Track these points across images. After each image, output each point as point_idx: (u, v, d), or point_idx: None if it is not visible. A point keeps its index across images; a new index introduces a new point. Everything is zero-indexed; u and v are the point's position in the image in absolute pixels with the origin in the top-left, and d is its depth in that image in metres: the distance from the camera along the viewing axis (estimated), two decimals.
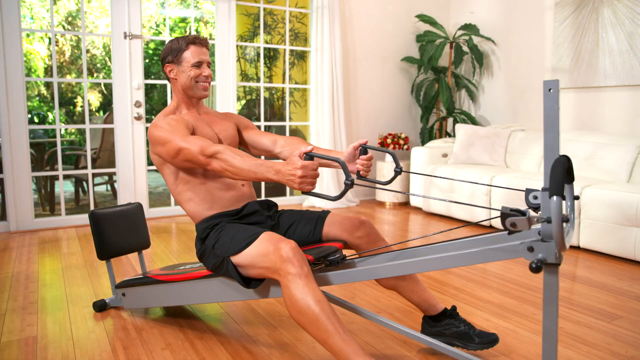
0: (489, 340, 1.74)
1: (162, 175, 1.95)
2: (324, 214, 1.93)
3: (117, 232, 2.23)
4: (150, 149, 1.89)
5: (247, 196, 1.97)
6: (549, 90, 1.22)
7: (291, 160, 1.48)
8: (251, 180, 1.61)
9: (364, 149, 1.88)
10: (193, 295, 1.95)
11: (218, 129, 2.01)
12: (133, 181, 4.14)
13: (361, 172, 1.89)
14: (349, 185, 1.45)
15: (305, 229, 1.91)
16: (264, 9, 4.92)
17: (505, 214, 1.24)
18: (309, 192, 1.51)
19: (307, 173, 1.47)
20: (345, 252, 2.40)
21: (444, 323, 1.81)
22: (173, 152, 1.75)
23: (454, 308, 1.83)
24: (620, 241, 3.00)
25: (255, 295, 1.78)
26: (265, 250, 1.59)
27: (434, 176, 1.93)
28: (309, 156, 1.49)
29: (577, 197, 1.37)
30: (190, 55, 1.91)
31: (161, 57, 2.00)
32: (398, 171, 1.88)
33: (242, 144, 2.16)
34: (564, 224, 1.29)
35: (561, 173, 1.15)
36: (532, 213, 1.25)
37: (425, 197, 1.36)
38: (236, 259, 1.68)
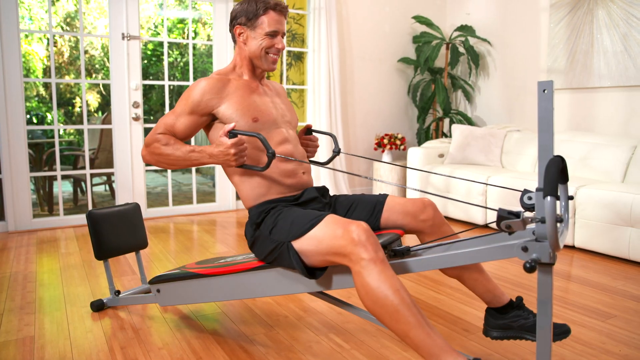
0: (561, 331, 1.60)
1: None
2: (382, 197, 1.79)
3: (115, 232, 2.23)
4: None
5: (306, 185, 1.83)
6: (544, 91, 1.23)
7: (220, 142, 1.54)
8: (187, 167, 1.59)
9: (308, 131, 1.94)
10: (240, 290, 1.80)
11: (286, 106, 1.91)
12: (131, 181, 4.16)
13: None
14: (270, 157, 1.53)
15: (363, 215, 1.76)
16: None
17: (501, 217, 1.24)
18: (243, 165, 1.56)
19: (238, 149, 1.51)
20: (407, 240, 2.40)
21: (511, 315, 1.66)
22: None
23: (519, 299, 1.69)
24: (615, 241, 3.02)
25: (316, 286, 1.62)
26: (333, 233, 1.44)
27: (412, 169, 1.94)
28: (232, 134, 1.57)
29: (571, 197, 1.38)
30: (267, 21, 1.74)
31: (232, 16, 1.81)
32: (336, 152, 1.93)
33: None
34: (558, 224, 1.31)
35: (555, 173, 1.16)
36: (526, 214, 1.26)
37: (421, 191, 1.38)
38: (298, 243, 1.53)
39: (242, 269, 1.75)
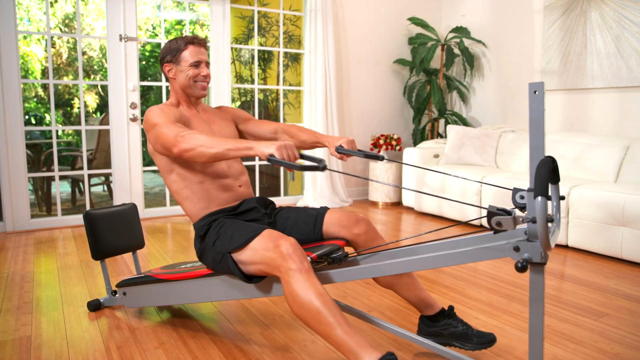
0: (487, 340, 1.71)
1: (160, 172, 1.94)
2: (323, 210, 1.91)
3: (112, 232, 2.25)
4: (147, 138, 1.87)
5: (244, 196, 1.97)
6: (535, 92, 1.24)
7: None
8: (225, 155, 1.59)
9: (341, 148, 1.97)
10: (194, 294, 1.94)
11: (217, 128, 2.02)
12: (129, 182, 4.18)
13: (345, 146, 1.95)
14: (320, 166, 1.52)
15: (305, 227, 1.88)
16: (258, 12, 4.97)
17: (491, 213, 1.26)
18: (278, 161, 1.51)
19: (287, 146, 1.52)
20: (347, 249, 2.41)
21: (441, 323, 1.78)
22: (155, 136, 1.76)
23: (451, 308, 1.80)
24: (608, 240, 3.05)
25: (257, 292, 1.76)
26: (265, 247, 1.59)
27: (412, 165, 1.97)
28: (271, 161, 1.54)
29: (562, 198, 1.39)
30: (189, 55, 1.91)
31: (160, 57, 2.00)
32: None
33: (242, 138, 2.14)
34: (550, 224, 1.32)
35: (546, 174, 1.16)
36: (517, 213, 1.28)
37: (417, 192, 1.38)
38: (237, 255, 1.68)
39: (195, 276, 1.90)
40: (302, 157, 1.70)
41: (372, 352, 1.36)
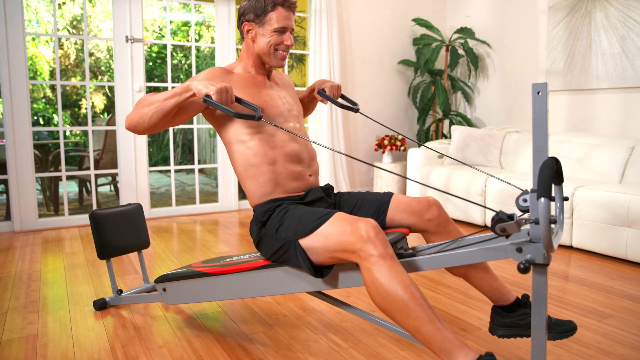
0: (568, 328, 1.59)
1: (225, 143, 1.78)
2: (387, 196, 1.77)
3: (117, 232, 2.25)
4: None
5: (312, 186, 1.81)
6: (538, 93, 1.24)
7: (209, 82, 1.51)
8: (166, 106, 1.52)
9: (324, 94, 1.96)
10: (245, 289, 1.78)
11: (293, 99, 1.88)
12: (135, 182, 4.22)
13: (327, 90, 1.92)
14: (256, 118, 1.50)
15: (368, 214, 1.74)
16: None
17: (499, 219, 1.24)
18: (213, 103, 1.47)
19: (225, 87, 1.48)
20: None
21: (518, 313, 1.64)
22: None
23: (526, 297, 1.66)
24: (612, 241, 3.04)
25: (323, 285, 1.60)
26: (341, 230, 1.42)
27: (424, 146, 1.98)
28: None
29: (566, 199, 1.38)
30: (276, 18, 1.70)
31: (240, 12, 1.77)
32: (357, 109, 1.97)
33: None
34: (553, 225, 1.31)
35: (548, 175, 1.16)
36: (520, 216, 1.27)
37: (422, 184, 1.38)
38: (305, 241, 1.51)
39: (248, 268, 1.74)
40: (240, 102, 1.60)
41: (469, 352, 1.24)
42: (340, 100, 1.96)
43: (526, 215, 1.26)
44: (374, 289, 1.34)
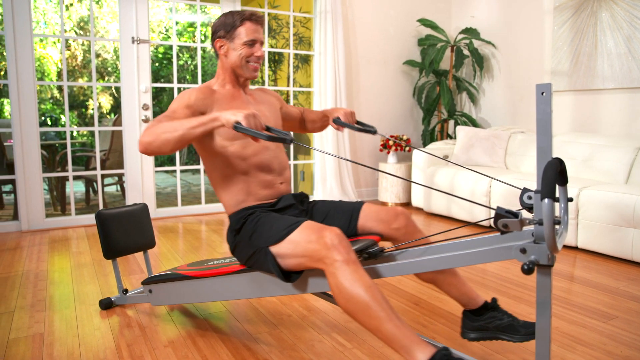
0: (535, 329, 1.58)
1: (202, 156, 1.85)
2: (359, 204, 1.84)
3: (123, 232, 2.27)
4: None
5: (283, 194, 1.89)
6: (542, 93, 1.23)
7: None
8: (191, 135, 1.53)
9: (341, 123, 2.03)
10: (224, 291, 1.87)
11: (266, 110, 1.93)
12: (141, 182, 4.24)
13: (342, 118, 1.98)
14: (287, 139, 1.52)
15: (340, 222, 1.81)
16: (269, 14, 5.01)
17: (499, 215, 1.25)
18: (244, 129, 1.49)
19: (255, 115, 1.51)
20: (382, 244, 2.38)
21: (486, 316, 1.69)
22: None
23: (494, 300, 1.72)
24: (618, 242, 3.03)
25: (293, 289, 1.68)
26: (307, 238, 1.50)
27: (428, 153, 1.98)
28: (237, 129, 1.52)
29: (570, 199, 1.37)
30: (244, 32, 1.79)
31: (212, 30, 1.86)
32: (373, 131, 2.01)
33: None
34: (557, 226, 1.29)
35: (552, 176, 1.16)
36: (524, 215, 1.27)
37: (426, 187, 1.38)
38: (275, 248, 1.59)
39: (226, 272, 1.83)
40: (269, 129, 1.66)
41: (426, 347, 1.29)
42: (356, 125, 2.04)
43: (530, 216, 1.26)
44: (338, 292, 1.41)
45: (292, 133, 1.80)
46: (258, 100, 1.96)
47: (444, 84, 4.96)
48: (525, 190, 1.26)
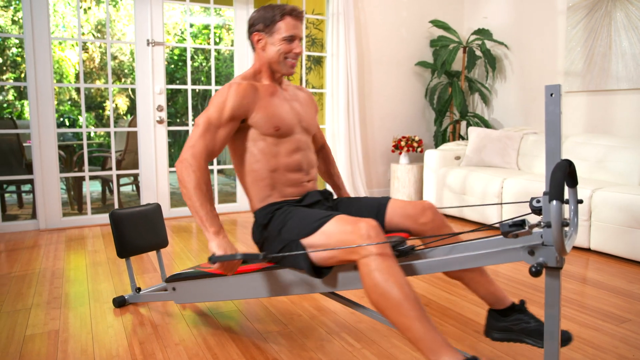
0: (563, 338, 1.55)
1: (230, 148, 1.82)
2: (384, 200, 1.80)
3: (136, 231, 2.30)
4: None
5: (309, 191, 1.86)
6: (551, 94, 1.23)
7: (229, 248, 1.59)
8: (193, 213, 1.60)
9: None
10: (250, 289, 1.83)
11: (302, 109, 1.89)
12: (155, 182, 4.30)
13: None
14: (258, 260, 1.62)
15: (365, 217, 1.72)
16: None
17: (505, 233, 1.23)
18: (216, 258, 1.60)
19: (230, 267, 1.60)
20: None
21: (512, 318, 1.64)
22: (197, 120, 1.70)
23: (522, 302, 1.66)
24: (631, 244, 3.00)
25: (322, 286, 1.63)
26: (342, 229, 1.46)
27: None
28: (213, 260, 1.61)
29: (580, 201, 1.36)
30: (284, 27, 1.75)
31: (249, 23, 1.82)
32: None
33: None
34: (566, 228, 1.29)
35: (561, 177, 1.15)
36: (532, 221, 1.26)
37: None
38: (307, 241, 1.55)
39: (252, 269, 1.78)
40: (245, 262, 1.77)
41: (454, 354, 1.27)
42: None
43: (539, 218, 1.26)
44: (372, 285, 1.37)
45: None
46: (293, 96, 1.92)
47: (456, 85, 4.95)
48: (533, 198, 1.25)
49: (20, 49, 7.56)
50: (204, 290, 1.98)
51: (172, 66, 8.19)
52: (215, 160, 4.87)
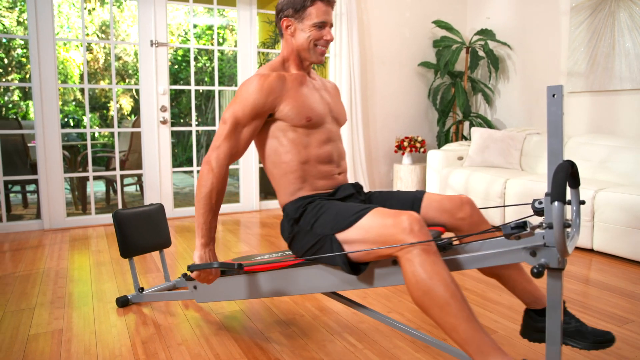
0: (605, 339, 1.47)
1: (257, 139, 1.76)
2: (419, 194, 1.73)
3: (139, 231, 2.31)
4: None
5: (340, 184, 1.79)
6: (553, 95, 1.23)
7: (209, 257, 1.67)
8: (195, 215, 1.65)
9: None
10: (277, 287, 1.75)
11: (331, 99, 1.83)
12: (158, 182, 4.32)
13: None
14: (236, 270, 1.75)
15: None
16: None
17: (508, 235, 1.22)
18: (195, 266, 1.69)
19: (207, 278, 1.67)
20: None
21: None
22: (223, 115, 1.66)
23: (562, 303, 1.63)
24: (634, 244, 2.99)
25: (358, 283, 1.55)
26: (382, 223, 1.38)
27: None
28: (191, 269, 1.70)
29: (582, 202, 1.35)
30: (315, 13, 1.67)
31: (278, 8, 1.74)
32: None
33: None
34: (568, 229, 1.29)
35: (562, 178, 1.15)
36: (533, 222, 1.26)
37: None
38: (343, 235, 1.47)
39: (281, 266, 1.71)
40: (222, 272, 1.83)
41: (505, 357, 1.21)
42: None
43: (541, 219, 1.26)
44: (415, 282, 1.30)
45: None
46: (321, 86, 1.85)
47: (459, 85, 4.95)
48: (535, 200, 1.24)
49: (25, 50, 7.60)
50: (228, 288, 1.92)
51: (176, 67, 8.21)
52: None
